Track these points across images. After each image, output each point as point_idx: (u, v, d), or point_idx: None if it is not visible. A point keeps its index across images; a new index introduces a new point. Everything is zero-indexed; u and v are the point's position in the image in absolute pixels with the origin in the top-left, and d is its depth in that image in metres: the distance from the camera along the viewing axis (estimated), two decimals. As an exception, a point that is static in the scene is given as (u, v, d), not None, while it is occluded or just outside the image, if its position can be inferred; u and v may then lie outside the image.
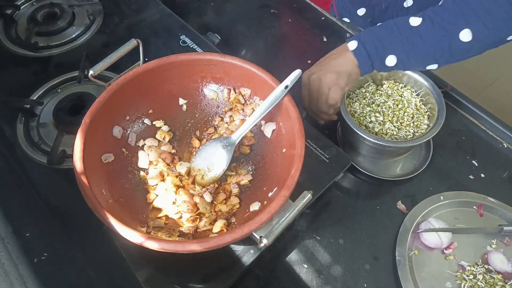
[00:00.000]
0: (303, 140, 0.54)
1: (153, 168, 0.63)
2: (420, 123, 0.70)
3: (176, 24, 0.91)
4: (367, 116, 0.71)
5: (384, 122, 0.70)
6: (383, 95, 0.73)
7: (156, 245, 0.46)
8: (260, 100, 0.64)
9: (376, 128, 0.70)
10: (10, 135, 0.75)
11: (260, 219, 0.48)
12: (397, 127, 0.70)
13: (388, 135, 0.69)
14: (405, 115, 0.71)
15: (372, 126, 0.70)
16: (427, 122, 0.70)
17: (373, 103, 0.73)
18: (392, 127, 0.70)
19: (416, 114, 0.71)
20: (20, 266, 0.62)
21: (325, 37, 0.95)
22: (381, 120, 0.70)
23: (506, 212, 0.67)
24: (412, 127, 0.70)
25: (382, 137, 0.68)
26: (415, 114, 0.71)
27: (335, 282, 0.62)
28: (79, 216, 0.65)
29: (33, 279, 0.61)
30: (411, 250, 0.64)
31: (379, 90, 0.74)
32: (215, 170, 0.62)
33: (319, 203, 0.70)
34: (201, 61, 0.63)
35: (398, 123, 0.70)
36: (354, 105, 0.73)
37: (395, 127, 0.70)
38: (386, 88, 0.74)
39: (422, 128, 0.69)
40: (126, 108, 0.63)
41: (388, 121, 0.70)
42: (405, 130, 0.69)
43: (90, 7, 0.95)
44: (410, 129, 0.69)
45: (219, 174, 0.62)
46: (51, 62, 0.87)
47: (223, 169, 0.62)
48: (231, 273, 0.57)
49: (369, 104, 0.73)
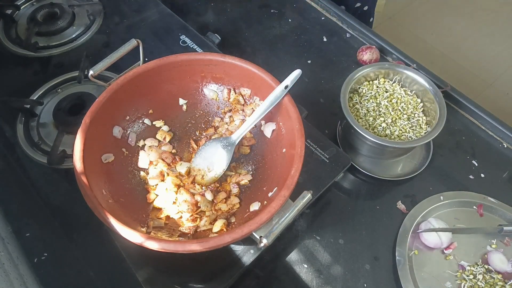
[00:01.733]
0: (303, 140, 0.54)
1: (153, 168, 0.63)
2: (421, 123, 0.70)
3: (176, 24, 0.91)
4: (372, 117, 0.71)
5: (388, 124, 0.70)
6: (380, 94, 0.73)
7: (156, 245, 0.46)
8: (260, 101, 0.64)
9: (382, 130, 0.70)
10: (10, 135, 0.75)
11: (260, 219, 0.48)
12: (398, 126, 0.70)
13: (390, 135, 0.69)
14: (404, 115, 0.71)
15: (379, 128, 0.70)
16: (427, 120, 0.70)
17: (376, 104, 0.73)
18: (390, 126, 0.70)
19: (416, 114, 0.71)
20: (20, 266, 0.62)
21: (325, 37, 0.95)
22: (384, 121, 0.70)
23: (506, 212, 0.67)
24: (412, 128, 0.70)
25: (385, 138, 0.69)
26: (414, 113, 0.71)
27: (335, 282, 0.62)
28: (79, 216, 0.65)
29: (33, 279, 0.61)
30: (411, 250, 0.64)
31: (379, 88, 0.74)
32: (215, 170, 0.62)
33: (319, 203, 0.70)
34: (201, 61, 0.63)
35: (399, 123, 0.70)
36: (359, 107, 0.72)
37: (395, 126, 0.70)
38: (384, 86, 0.74)
39: (423, 128, 0.69)
40: (126, 108, 0.63)
41: (385, 120, 0.70)
42: (404, 130, 0.69)
43: (90, 7, 0.95)
44: (410, 130, 0.69)
45: (219, 174, 0.62)
46: (51, 62, 0.87)
47: (223, 169, 0.62)
48: (231, 273, 0.57)
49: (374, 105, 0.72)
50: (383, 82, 0.75)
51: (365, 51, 0.87)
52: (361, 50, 0.88)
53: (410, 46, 1.92)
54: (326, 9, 1.00)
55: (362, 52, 0.88)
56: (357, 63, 0.89)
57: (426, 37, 1.97)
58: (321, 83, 0.87)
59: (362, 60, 0.88)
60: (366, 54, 0.87)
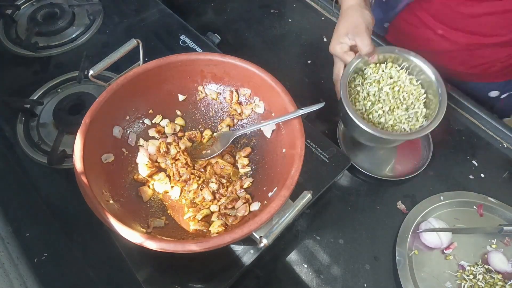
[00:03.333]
0: (303, 140, 0.54)
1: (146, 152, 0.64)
2: (418, 115, 0.67)
3: (176, 24, 0.91)
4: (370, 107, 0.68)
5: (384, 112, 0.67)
6: (384, 80, 0.70)
7: (156, 245, 0.46)
8: (260, 101, 0.64)
9: (377, 117, 0.67)
10: (10, 135, 0.75)
11: (260, 219, 0.48)
12: (394, 116, 0.67)
13: (383, 124, 0.66)
14: (404, 105, 0.67)
15: (375, 115, 0.67)
16: (426, 112, 0.67)
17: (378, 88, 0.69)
18: (386, 115, 0.67)
19: (417, 105, 0.68)
20: (20, 266, 0.62)
21: (325, 37, 0.95)
22: (381, 108, 0.67)
23: (506, 212, 0.67)
24: (408, 119, 0.67)
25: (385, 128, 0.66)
26: (414, 105, 0.68)
27: (335, 282, 0.62)
28: (79, 216, 0.65)
29: (33, 279, 0.61)
30: (411, 250, 0.64)
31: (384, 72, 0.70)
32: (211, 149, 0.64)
33: (319, 203, 0.70)
34: (201, 61, 0.63)
35: (396, 113, 0.67)
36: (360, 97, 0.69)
37: (391, 115, 0.67)
38: (390, 72, 0.70)
39: (419, 121, 0.67)
40: (126, 108, 0.63)
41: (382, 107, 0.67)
42: (399, 121, 0.66)
43: (90, 7, 0.95)
44: (406, 122, 0.66)
45: (213, 154, 0.63)
46: (51, 62, 0.87)
47: (220, 150, 0.63)
48: (231, 273, 0.57)
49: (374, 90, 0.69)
50: (390, 67, 0.71)
51: None
52: None
53: (410, 46, 1.92)
54: (326, 9, 1.00)
55: None
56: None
57: (426, 37, 1.97)
58: (321, 83, 0.87)
59: None
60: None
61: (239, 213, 0.57)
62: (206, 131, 0.68)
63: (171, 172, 0.63)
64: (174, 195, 0.62)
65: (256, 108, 0.65)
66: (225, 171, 0.63)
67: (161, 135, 0.66)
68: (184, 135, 0.67)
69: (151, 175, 0.63)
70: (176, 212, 0.61)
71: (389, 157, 0.76)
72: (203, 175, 0.63)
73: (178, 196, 0.62)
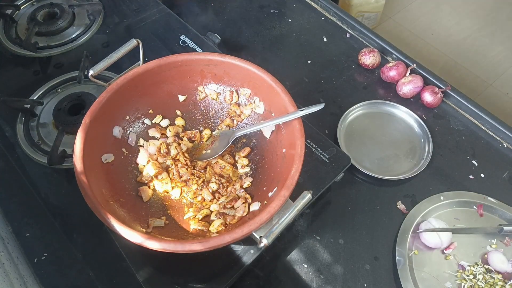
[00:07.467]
0: (303, 140, 0.54)
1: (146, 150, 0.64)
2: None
3: (176, 24, 0.91)
4: None
5: None
6: None
7: (156, 245, 0.46)
8: (260, 101, 0.64)
9: None
10: (10, 135, 0.75)
11: (260, 219, 0.48)
12: None
13: None
14: None
15: None
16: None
17: None
18: None
19: None
20: (20, 266, 0.62)
21: (325, 37, 0.95)
22: None
23: (506, 212, 0.67)
24: None
25: None
26: None
27: (335, 282, 0.62)
28: (79, 216, 0.65)
29: (33, 279, 0.61)
30: (411, 250, 0.64)
31: None
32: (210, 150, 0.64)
33: (319, 203, 0.70)
34: (201, 61, 0.63)
35: None
36: None
37: None
38: None
39: None
40: (126, 108, 0.63)
41: None
42: None
43: (90, 7, 0.95)
44: None
45: (214, 155, 0.63)
46: (51, 62, 0.87)
47: (220, 151, 0.63)
48: (231, 273, 0.57)
49: None
50: None
51: (368, 54, 0.86)
52: (364, 54, 0.87)
53: (410, 46, 1.92)
54: (326, 9, 1.00)
55: (364, 56, 0.87)
56: (357, 63, 0.89)
57: (426, 37, 1.97)
58: (321, 83, 0.87)
59: (365, 64, 0.87)
60: (369, 58, 0.86)
61: (238, 213, 0.57)
62: (206, 130, 0.67)
63: (172, 172, 0.63)
64: (174, 194, 0.62)
65: (256, 108, 0.65)
66: (225, 171, 0.63)
67: (161, 135, 0.66)
68: (184, 135, 0.67)
69: (156, 175, 0.63)
70: (176, 212, 0.61)
71: (389, 157, 0.76)
72: (203, 176, 0.63)
73: (179, 196, 0.62)
